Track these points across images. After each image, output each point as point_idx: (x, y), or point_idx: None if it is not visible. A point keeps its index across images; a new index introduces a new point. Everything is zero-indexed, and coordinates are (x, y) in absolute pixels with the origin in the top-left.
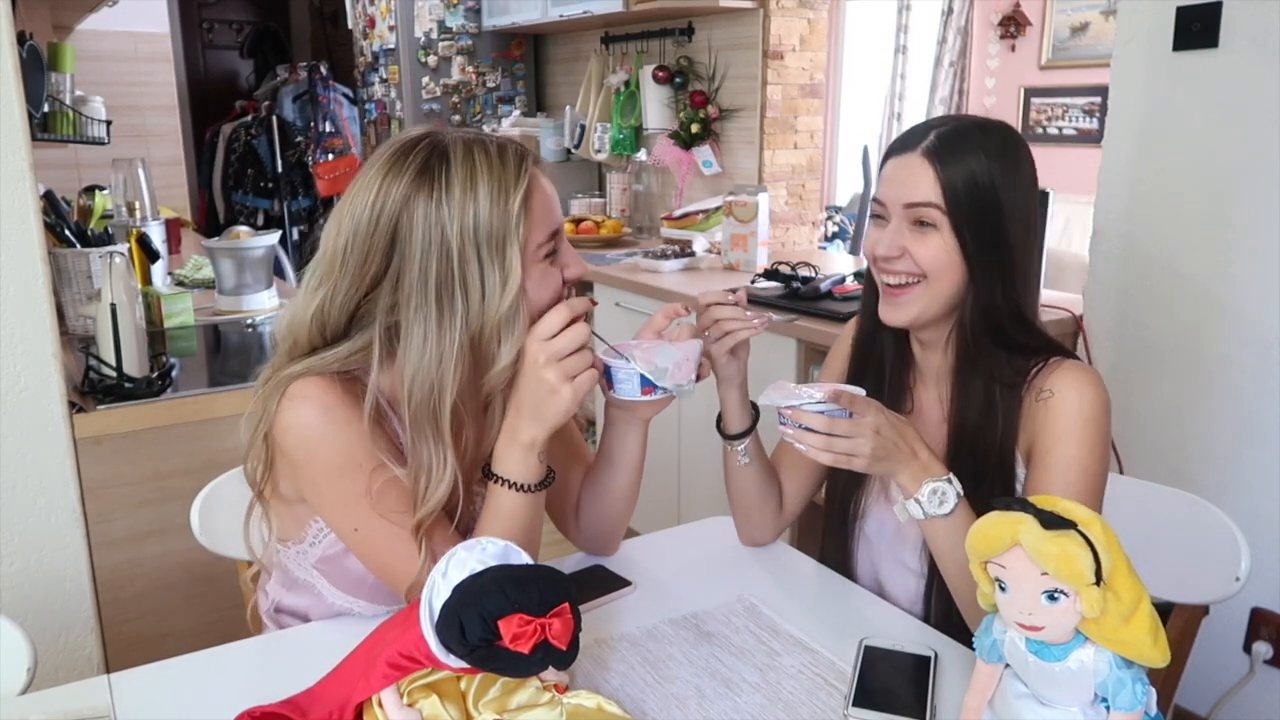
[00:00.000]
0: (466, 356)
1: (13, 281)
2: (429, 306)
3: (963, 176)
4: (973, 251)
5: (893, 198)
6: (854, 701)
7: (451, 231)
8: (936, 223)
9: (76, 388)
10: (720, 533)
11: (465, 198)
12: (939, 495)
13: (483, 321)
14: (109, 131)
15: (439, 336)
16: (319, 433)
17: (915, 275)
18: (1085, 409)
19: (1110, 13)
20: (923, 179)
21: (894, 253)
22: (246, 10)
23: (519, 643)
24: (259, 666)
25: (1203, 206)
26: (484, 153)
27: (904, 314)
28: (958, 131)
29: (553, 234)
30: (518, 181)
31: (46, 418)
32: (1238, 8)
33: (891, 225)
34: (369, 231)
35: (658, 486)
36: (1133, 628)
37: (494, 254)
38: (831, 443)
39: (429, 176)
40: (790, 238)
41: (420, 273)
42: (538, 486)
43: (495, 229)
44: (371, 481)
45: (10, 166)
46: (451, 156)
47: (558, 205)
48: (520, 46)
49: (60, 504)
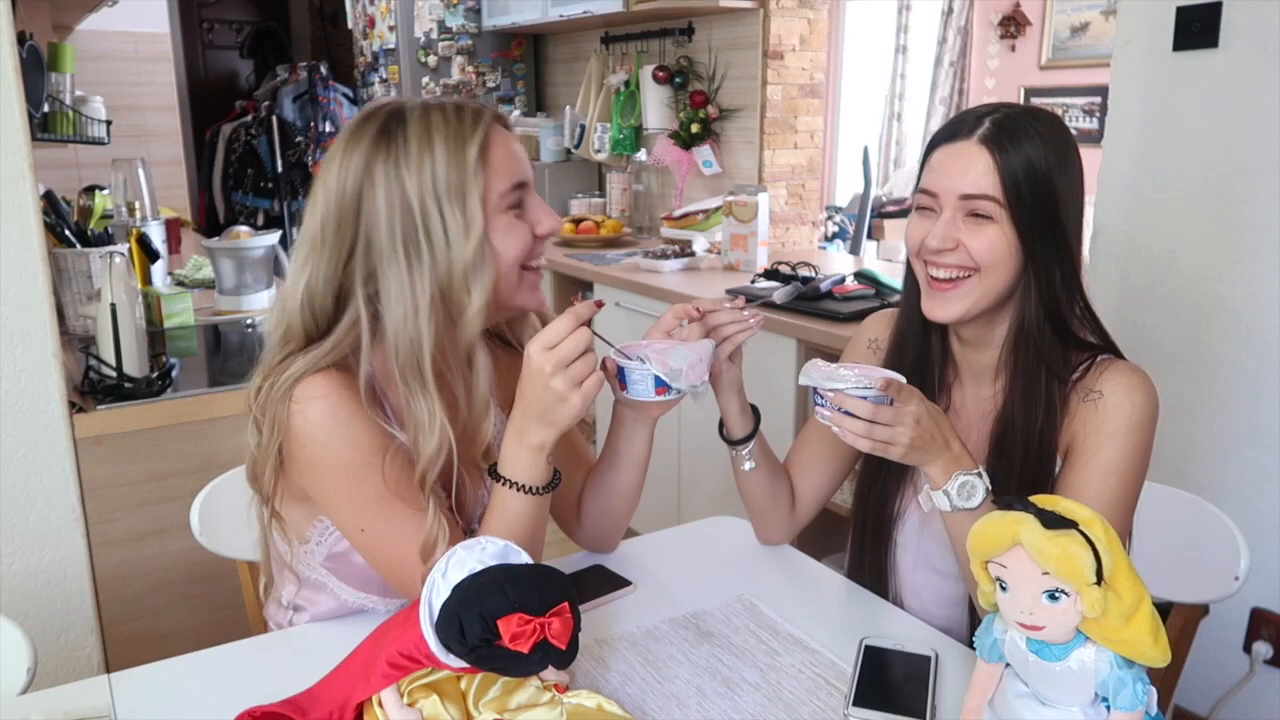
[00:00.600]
0: (440, 307)
1: (13, 281)
2: (399, 263)
3: (1022, 165)
4: (1032, 242)
5: (946, 188)
6: (854, 701)
7: (411, 188)
8: (993, 214)
9: (76, 388)
10: (720, 533)
11: (422, 153)
12: (968, 488)
13: (450, 270)
14: (109, 131)
15: (411, 290)
16: (328, 433)
17: (967, 269)
18: (1134, 414)
19: (1110, 13)
20: (980, 168)
21: (947, 245)
22: (246, 10)
23: (519, 642)
24: (259, 666)
25: (1203, 206)
26: (440, 111)
27: (953, 309)
28: (1012, 118)
29: (516, 185)
30: (474, 133)
31: (46, 418)
32: (1238, 8)
33: (944, 216)
34: (338, 202)
35: (658, 486)
36: (1133, 627)
37: (454, 202)
38: (872, 430)
39: (387, 138)
40: (790, 238)
41: (387, 232)
42: (544, 489)
43: (453, 179)
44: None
45: (10, 166)
46: (409, 118)
47: (523, 161)
48: (520, 46)
49: (60, 504)
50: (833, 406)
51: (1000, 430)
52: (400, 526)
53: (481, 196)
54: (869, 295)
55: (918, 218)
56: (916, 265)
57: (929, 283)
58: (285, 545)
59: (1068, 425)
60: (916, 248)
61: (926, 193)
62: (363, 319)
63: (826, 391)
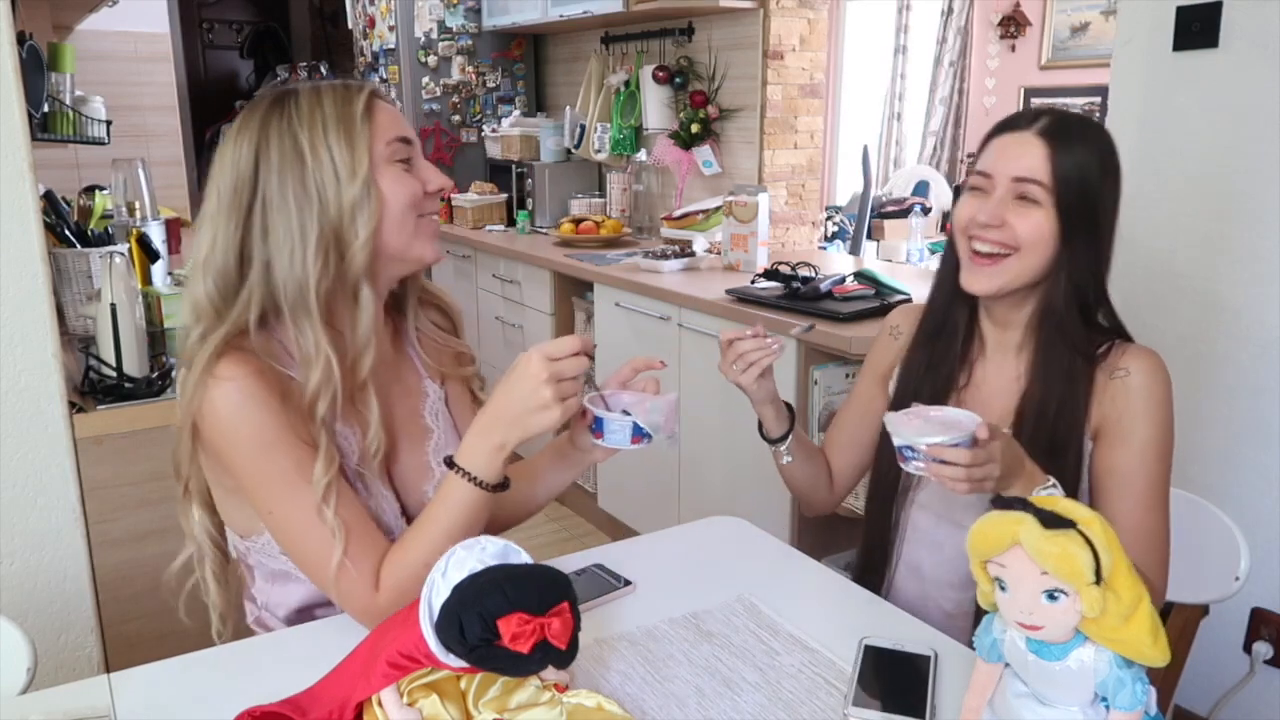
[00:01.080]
0: (328, 244)
1: (13, 281)
2: (289, 207)
3: (1074, 160)
4: (1071, 233)
5: (1001, 170)
6: (854, 701)
7: (303, 137)
8: (1040, 199)
9: (76, 388)
10: (720, 533)
11: (313, 109)
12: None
13: (339, 207)
14: (109, 131)
15: (301, 230)
16: (236, 414)
17: (1008, 247)
18: (1159, 391)
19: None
20: (1035, 156)
21: (995, 221)
22: (246, 10)
23: (518, 642)
24: (259, 666)
25: (1203, 206)
26: (328, 84)
27: (992, 283)
28: (1069, 120)
29: (401, 139)
30: (359, 94)
31: (46, 418)
32: (1238, 8)
33: (996, 195)
34: (234, 171)
35: (658, 486)
36: (1133, 627)
37: (341, 141)
38: (970, 473)
39: (280, 104)
40: (790, 238)
41: (279, 182)
42: (495, 487)
43: (342, 122)
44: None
45: (10, 166)
46: (299, 89)
47: (406, 125)
48: (520, 46)
49: (60, 504)
50: (926, 458)
51: (1024, 402)
52: (302, 503)
53: (368, 143)
54: (869, 295)
55: (969, 198)
56: (960, 241)
57: (971, 257)
58: (242, 544)
59: (1096, 402)
60: (965, 224)
61: (981, 174)
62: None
63: (921, 446)
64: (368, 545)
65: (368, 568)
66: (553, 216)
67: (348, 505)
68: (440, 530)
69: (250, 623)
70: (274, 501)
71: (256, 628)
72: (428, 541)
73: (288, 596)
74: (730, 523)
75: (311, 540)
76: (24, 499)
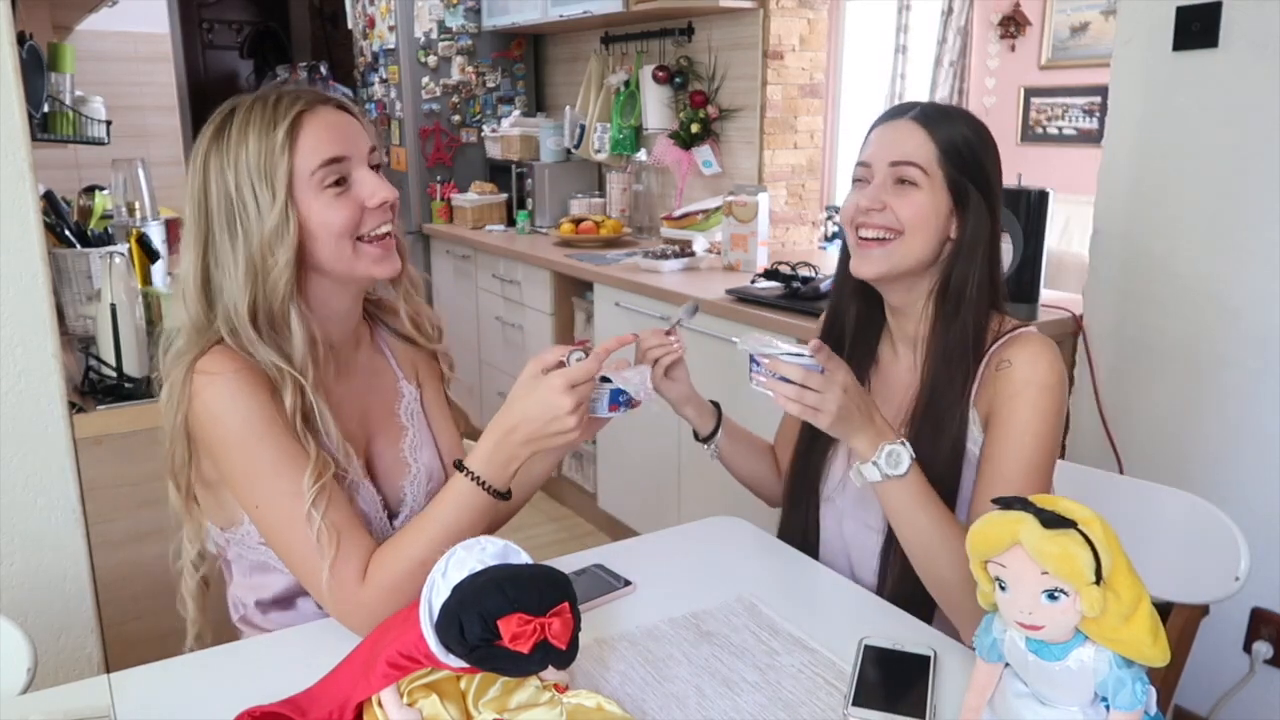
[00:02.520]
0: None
1: (13, 281)
2: (225, 240)
3: (951, 138)
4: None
5: (879, 157)
6: (854, 701)
7: (230, 176)
8: (919, 181)
9: (76, 388)
10: (720, 533)
11: (239, 144)
12: (894, 457)
13: (261, 239)
14: (109, 131)
15: (233, 260)
16: (222, 407)
17: (892, 231)
18: (1039, 376)
19: (1110, 13)
20: (912, 139)
21: (876, 204)
22: (246, 10)
23: (519, 642)
24: (259, 666)
25: (1203, 206)
26: (261, 103)
27: (876, 267)
28: (939, 105)
29: (328, 161)
30: (285, 117)
31: (46, 418)
32: (1238, 8)
33: (875, 181)
34: (191, 197)
35: (658, 486)
36: (1133, 627)
37: (261, 180)
38: (803, 394)
39: (219, 136)
40: (790, 238)
41: (217, 214)
42: (497, 494)
43: (262, 160)
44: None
45: (10, 166)
46: (236, 114)
47: (344, 140)
48: (520, 46)
49: (60, 504)
50: (768, 373)
51: (921, 392)
52: (289, 497)
53: (288, 173)
54: None
55: (853, 190)
56: (849, 233)
57: (857, 244)
58: (221, 537)
59: (984, 395)
60: (850, 215)
61: (862, 164)
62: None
63: (761, 358)
64: (354, 544)
65: (354, 566)
66: (553, 216)
67: (336, 505)
68: (440, 529)
69: (236, 621)
70: (260, 495)
71: (242, 626)
72: (426, 539)
73: (267, 587)
74: (730, 523)
75: (298, 534)
76: (24, 499)
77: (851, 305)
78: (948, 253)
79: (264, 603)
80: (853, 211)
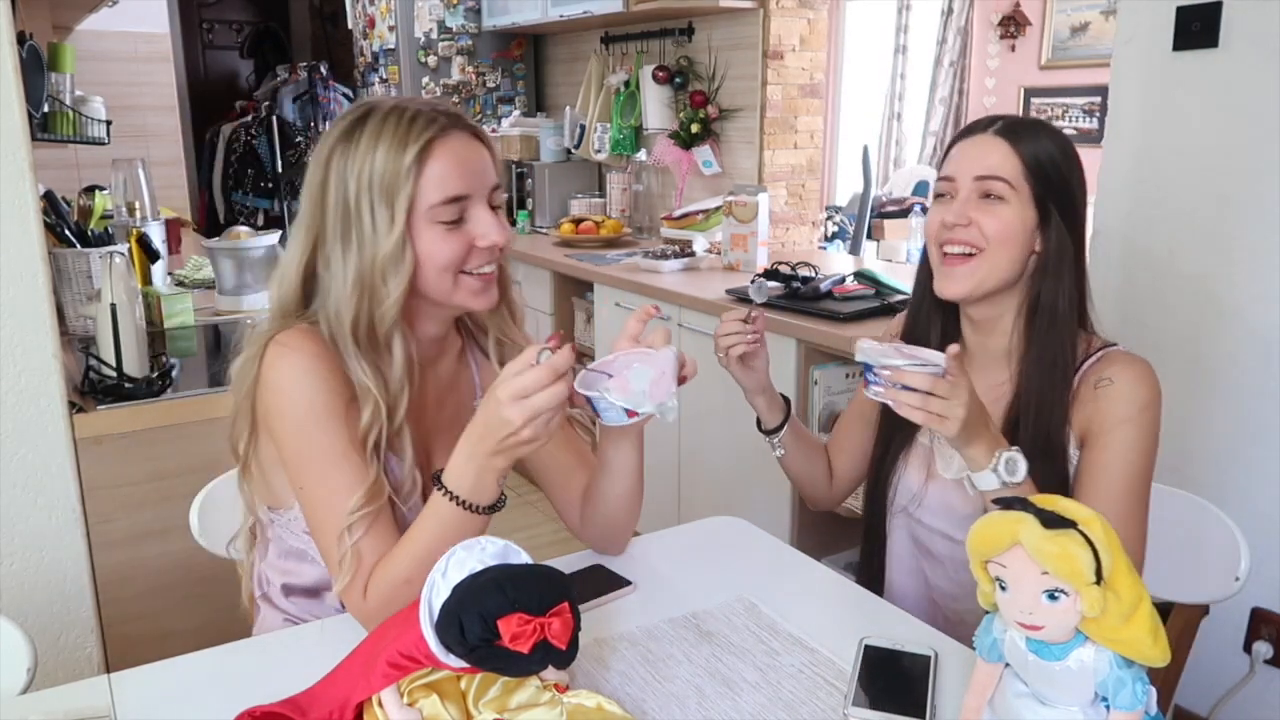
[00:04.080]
0: (362, 291)
1: (13, 281)
2: (338, 246)
3: (1035, 152)
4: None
5: (963, 171)
6: (854, 701)
7: (352, 183)
8: (1005, 196)
9: (76, 388)
10: (720, 533)
11: (368, 152)
12: (1012, 464)
13: (373, 259)
14: (109, 131)
15: (343, 270)
16: (290, 383)
17: (976, 247)
18: (1142, 396)
19: (1110, 13)
20: (996, 153)
21: (962, 220)
22: (246, 10)
23: (518, 642)
24: (259, 666)
25: (1203, 206)
26: (397, 115)
27: (961, 286)
28: (1023, 119)
29: (450, 200)
30: (414, 141)
31: (46, 418)
32: (1238, 8)
33: (960, 196)
34: (308, 191)
35: (658, 486)
36: (1133, 627)
37: (382, 199)
38: (928, 401)
39: (348, 137)
40: (790, 238)
41: (333, 219)
42: (484, 509)
43: (386, 179)
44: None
45: (10, 166)
46: (370, 119)
47: (470, 176)
48: (520, 46)
49: (60, 504)
50: (888, 383)
51: (1015, 404)
52: (335, 489)
53: (409, 201)
54: (869, 295)
55: (935, 206)
56: (933, 249)
57: (941, 260)
58: (268, 515)
59: (1078, 412)
60: (935, 231)
61: (945, 179)
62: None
63: (882, 370)
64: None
65: (364, 583)
66: (553, 216)
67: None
68: (422, 548)
69: (256, 597)
70: (306, 477)
71: (260, 603)
72: (408, 557)
73: (300, 575)
74: (730, 523)
75: (327, 536)
76: (24, 499)
77: (935, 321)
78: (1033, 268)
79: (291, 588)
80: (937, 228)
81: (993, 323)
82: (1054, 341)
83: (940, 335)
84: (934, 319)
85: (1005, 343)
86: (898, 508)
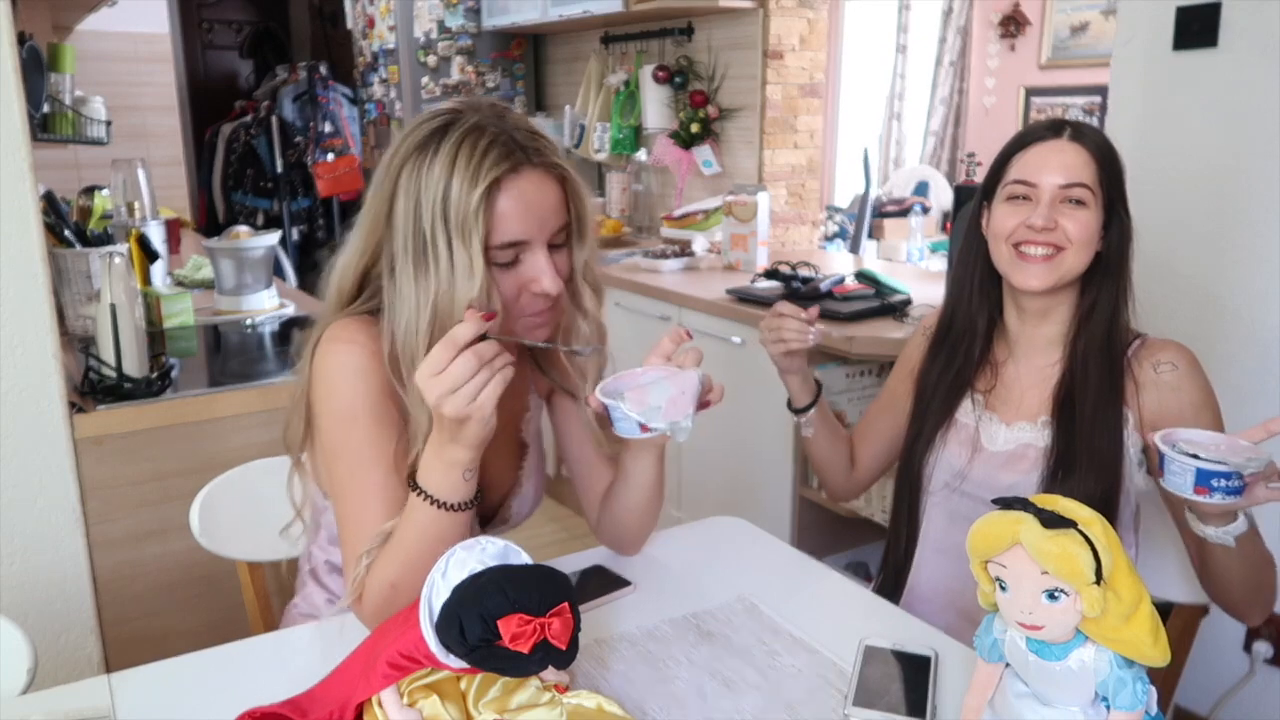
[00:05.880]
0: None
1: (13, 281)
2: (409, 271)
3: (1104, 156)
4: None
5: (1048, 179)
6: (854, 701)
7: (425, 202)
8: (1087, 201)
9: (76, 388)
10: (721, 532)
11: (442, 176)
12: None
13: (452, 300)
14: (109, 132)
15: (416, 302)
16: (338, 374)
17: (1058, 247)
18: (1206, 381)
19: (1110, 12)
20: (1078, 159)
21: (1050, 224)
22: (246, 10)
23: (519, 642)
24: (259, 666)
25: (1202, 206)
26: (473, 141)
27: (1043, 280)
28: (1083, 124)
29: (510, 244)
30: (484, 178)
31: (46, 418)
32: (1238, 8)
33: (1045, 201)
34: (378, 190)
35: None
36: (1133, 627)
37: (459, 235)
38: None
39: (423, 149)
40: (790, 238)
41: (403, 234)
42: (459, 506)
43: (460, 214)
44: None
45: (10, 166)
46: (450, 134)
47: (531, 221)
48: (520, 46)
49: (60, 504)
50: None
51: (1062, 391)
52: (363, 493)
53: (482, 241)
54: (869, 295)
55: (1013, 207)
56: (1003, 247)
57: (1016, 258)
58: (323, 501)
59: (1143, 395)
60: (1011, 231)
61: (1024, 183)
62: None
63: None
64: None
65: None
66: None
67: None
68: (405, 552)
69: (305, 571)
70: (336, 470)
71: (308, 578)
72: (393, 562)
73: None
74: (730, 523)
75: (350, 524)
76: (24, 499)
77: (983, 311)
78: (1095, 264)
79: (335, 566)
80: (1018, 229)
81: (1051, 311)
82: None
83: (987, 323)
84: (977, 311)
85: (1056, 330)
86: (937, 484)
